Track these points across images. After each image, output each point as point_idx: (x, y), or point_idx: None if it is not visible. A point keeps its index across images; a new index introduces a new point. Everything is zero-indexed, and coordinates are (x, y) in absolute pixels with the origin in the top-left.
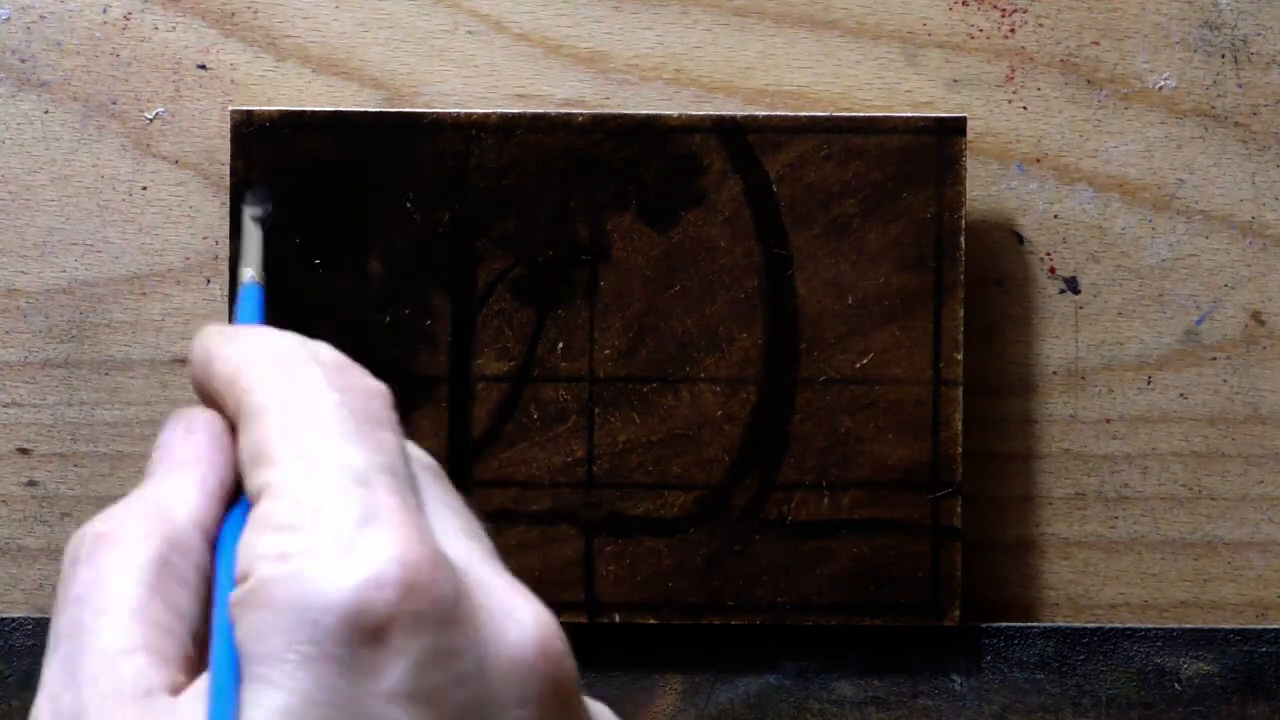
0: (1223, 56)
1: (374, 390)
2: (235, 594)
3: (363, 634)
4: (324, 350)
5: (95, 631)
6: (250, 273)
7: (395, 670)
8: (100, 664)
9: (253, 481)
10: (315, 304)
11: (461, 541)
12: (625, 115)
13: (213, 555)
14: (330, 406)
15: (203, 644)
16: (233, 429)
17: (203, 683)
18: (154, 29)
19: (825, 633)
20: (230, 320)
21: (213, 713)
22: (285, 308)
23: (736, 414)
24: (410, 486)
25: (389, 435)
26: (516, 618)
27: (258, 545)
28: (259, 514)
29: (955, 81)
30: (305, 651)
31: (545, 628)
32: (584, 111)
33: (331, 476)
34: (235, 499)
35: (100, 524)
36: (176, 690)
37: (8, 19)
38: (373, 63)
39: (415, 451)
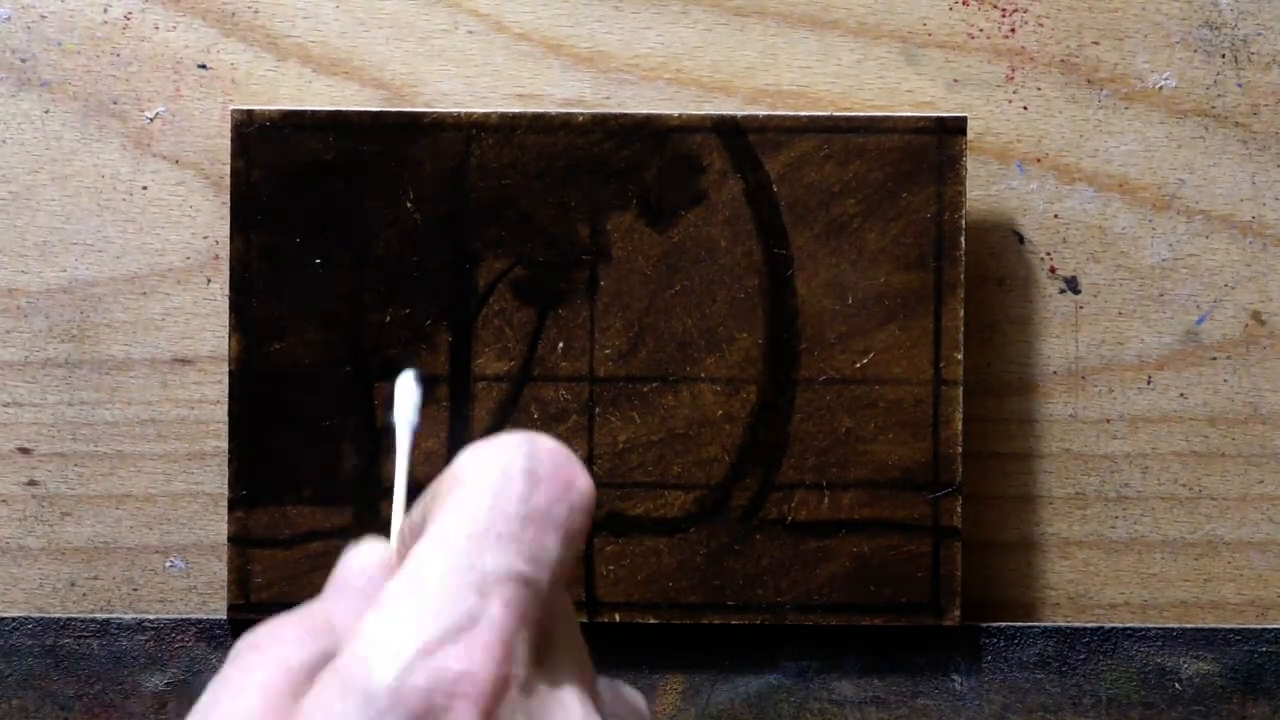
0: (1223, 56)
1: (565, 490)
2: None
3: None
4: (541, 442)
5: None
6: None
7: None
8: None
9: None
10: (316, 304)
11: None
12: (625, 115)
13: None
14: (488, 502)
15: None
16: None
17: None
18: (154, 28)
19: (825, 632)
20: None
21: None
22: (285, 307)
23: (737, 414)
24: (538, 599)
25: (552, 541)
26: None
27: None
28: (385, 590)
29: (955, 81)
30: None
31: None
32: (584, 111)
33: (451, 575)
34: None
35: (259, 632)
36: None
37: (8, 18)
38: (373, 62)
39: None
